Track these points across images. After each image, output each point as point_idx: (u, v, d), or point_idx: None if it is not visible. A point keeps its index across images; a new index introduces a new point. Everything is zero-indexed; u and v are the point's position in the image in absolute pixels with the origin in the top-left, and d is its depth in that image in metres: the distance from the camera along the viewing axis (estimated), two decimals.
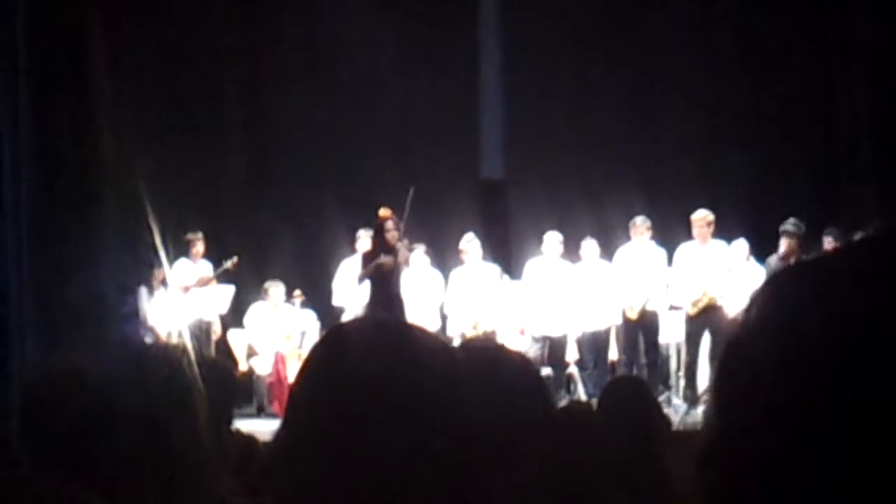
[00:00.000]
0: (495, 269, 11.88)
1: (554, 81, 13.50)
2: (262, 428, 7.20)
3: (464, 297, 11.65)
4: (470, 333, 11.47)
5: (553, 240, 11.66)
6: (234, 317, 12.04)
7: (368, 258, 10.66)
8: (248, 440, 3.69)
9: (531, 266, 11.75)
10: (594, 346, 11.64)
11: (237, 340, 12.16)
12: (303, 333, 12.02)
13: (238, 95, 13.90)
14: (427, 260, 11.96)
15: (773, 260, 11.34)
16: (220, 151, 13.60)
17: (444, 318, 11.81)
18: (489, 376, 1.88)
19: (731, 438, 0.89)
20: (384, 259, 10.35)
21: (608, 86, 13.41)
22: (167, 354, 2.26)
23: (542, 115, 13.47)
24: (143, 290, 11.36)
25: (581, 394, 11.34)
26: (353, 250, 11.79)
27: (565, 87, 13.48)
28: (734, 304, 11.15)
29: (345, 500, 1.31)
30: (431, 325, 10.43)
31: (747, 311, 0.93)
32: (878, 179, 12.97)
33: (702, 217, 11.23)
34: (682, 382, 11.36)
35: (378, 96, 13.33)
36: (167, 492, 2.01)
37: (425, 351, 1.40)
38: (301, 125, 13.75)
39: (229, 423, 2.58)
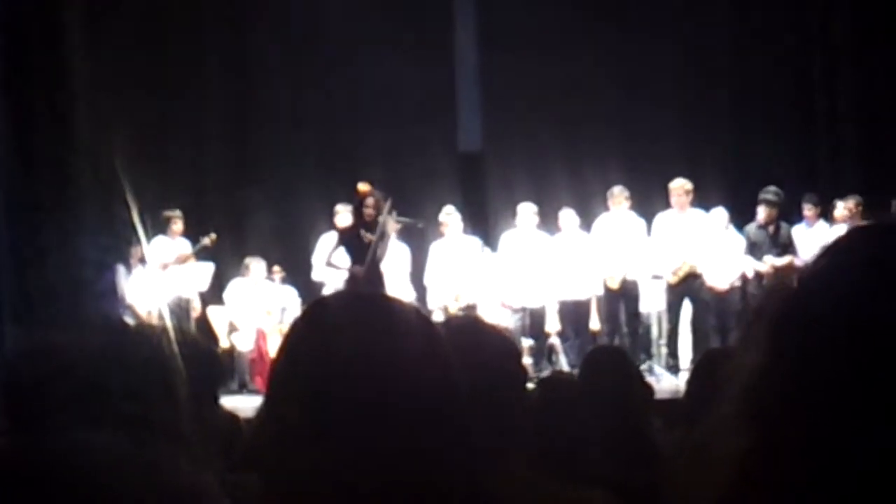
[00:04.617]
0: (476, 241, 11.87)
1: (530, 53, 13.45)
2: (245, 404, 7.21)
3: (445, 269, 11.64)
4: (452, 306, 11.47)
5: (527, 211, 11.65)
6: (213, 293, 12.01)
7: (347, 233, 10.61)
8: (231, 417, 3.68)
9: (506, 238, 11.75)
10: (575, 316, 11.67)
11: (217, 317, 12.14)
12: (283, 309, 12.00)
13: (218, 71, 13.82)
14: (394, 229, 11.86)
15: (751, 228, 11.38)
16: (199, 128, 13.53)
17: (420, 290, 11.79)
18: (470, 349, 1.89)
19: (787, 379, 0.89)
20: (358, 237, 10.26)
21: (585, 57, 13.37)
22: (147, 334, 2.25)
23: (519, 87, 13.43)
24: (122, 268, 11.31)
25: (563, 364, 11.37)
26: (331, 225, 11.75)
27: (541, 58, 13.43)
28: (713, 273, 11.21)
29: (328, 476, 1.31)
30: (404, 298, 10.37)
31: (817, 261, 0.94)
32: (856, 147, 13.03)
33: (680, 186, 11.25)
34: (664, 351, 11.43)
35: (356, 71, 13.27)
36: (150, 472, 2.01)
37: (406, 324, 1.40)
38: (279, 101, 13.70)
39: (215, 401, 2.57)
